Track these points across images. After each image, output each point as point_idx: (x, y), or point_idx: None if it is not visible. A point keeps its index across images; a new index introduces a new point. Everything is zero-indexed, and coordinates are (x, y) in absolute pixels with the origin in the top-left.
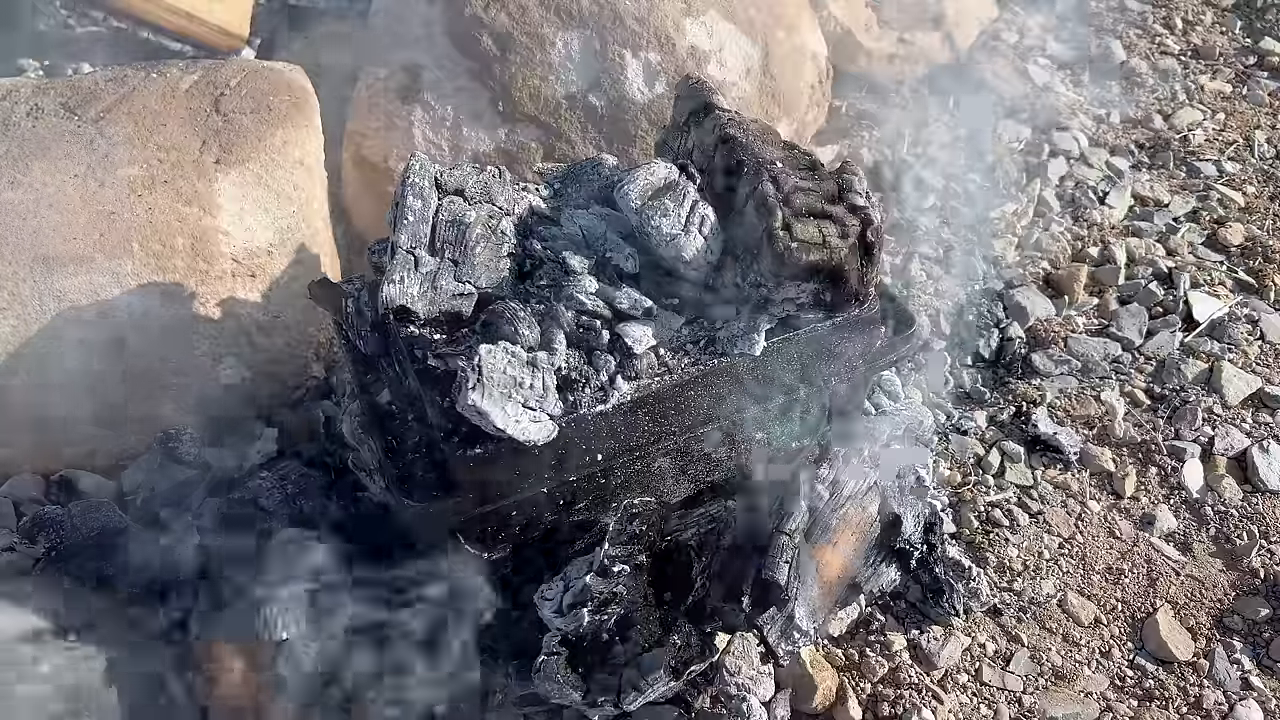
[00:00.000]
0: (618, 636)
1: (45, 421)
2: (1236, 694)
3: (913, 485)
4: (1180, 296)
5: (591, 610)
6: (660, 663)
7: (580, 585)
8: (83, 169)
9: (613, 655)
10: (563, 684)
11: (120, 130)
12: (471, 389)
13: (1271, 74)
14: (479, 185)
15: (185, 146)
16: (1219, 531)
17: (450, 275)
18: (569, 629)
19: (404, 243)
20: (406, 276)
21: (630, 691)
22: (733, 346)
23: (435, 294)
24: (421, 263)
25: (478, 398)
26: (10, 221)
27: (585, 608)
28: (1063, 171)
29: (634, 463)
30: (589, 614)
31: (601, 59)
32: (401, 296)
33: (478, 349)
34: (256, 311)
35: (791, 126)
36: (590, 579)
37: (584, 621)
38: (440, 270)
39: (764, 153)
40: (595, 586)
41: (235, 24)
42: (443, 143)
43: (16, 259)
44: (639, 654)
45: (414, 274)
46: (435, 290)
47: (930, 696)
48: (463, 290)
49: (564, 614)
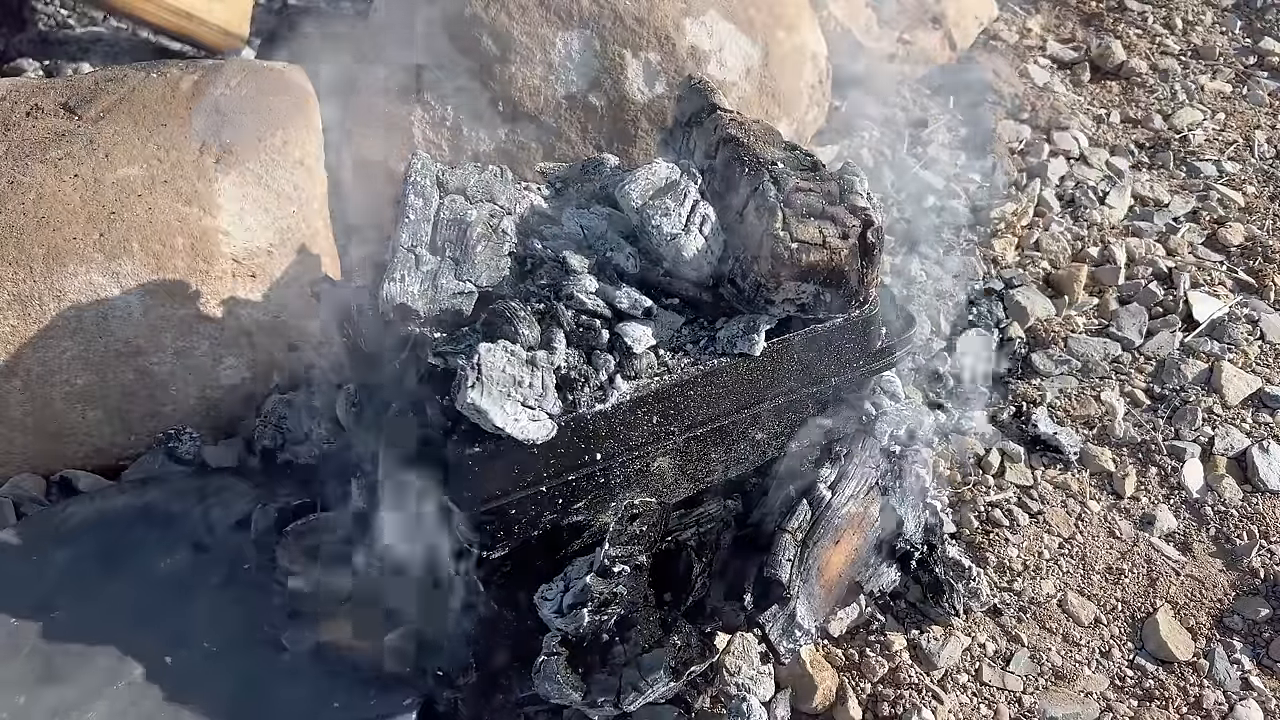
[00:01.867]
0: (618, 637)
1: (45, 421)
2: (1236, 694)
3: (915, 486)
4: (1180, 296)
5: (591, 610)
6: (661, 663)
7: (580, 585)
8: (82, 169)
9: (613, 656)
10: (563, 684)
11: (120, 130)
12: (470, 387)
13: (1271, 74)
14: (480, 184)
15: (185, 146)
16: (1219, 531)
17: (451, 273)
18: (569, 629)
19: (405, 241)
20: (407, 275)
21: (631, 692)
22: (732, 346)
23: (436, 292)
24: (422, 261)
25: (477, 396)
26: (9, 221)
27: (585, 608)
28: (1063, 171)
29: (633, 462)
30: (589, 614)
31: (601, 59)
32: (402, 295)
33: (477, 348)
34: (256, 311)
35: (792, 126)
36: (590, 579)
37: (584, 622)
38: (441, 269)
39: (765, 153)
40: (595, 587)
41: (235, 24)
42: (443, 143)
43: (16, 259)
44: (639, 654)
45: (415, 272)
46: (436, 289)
47: (930, 696)
48: (463, 289)
49: (564, 614)
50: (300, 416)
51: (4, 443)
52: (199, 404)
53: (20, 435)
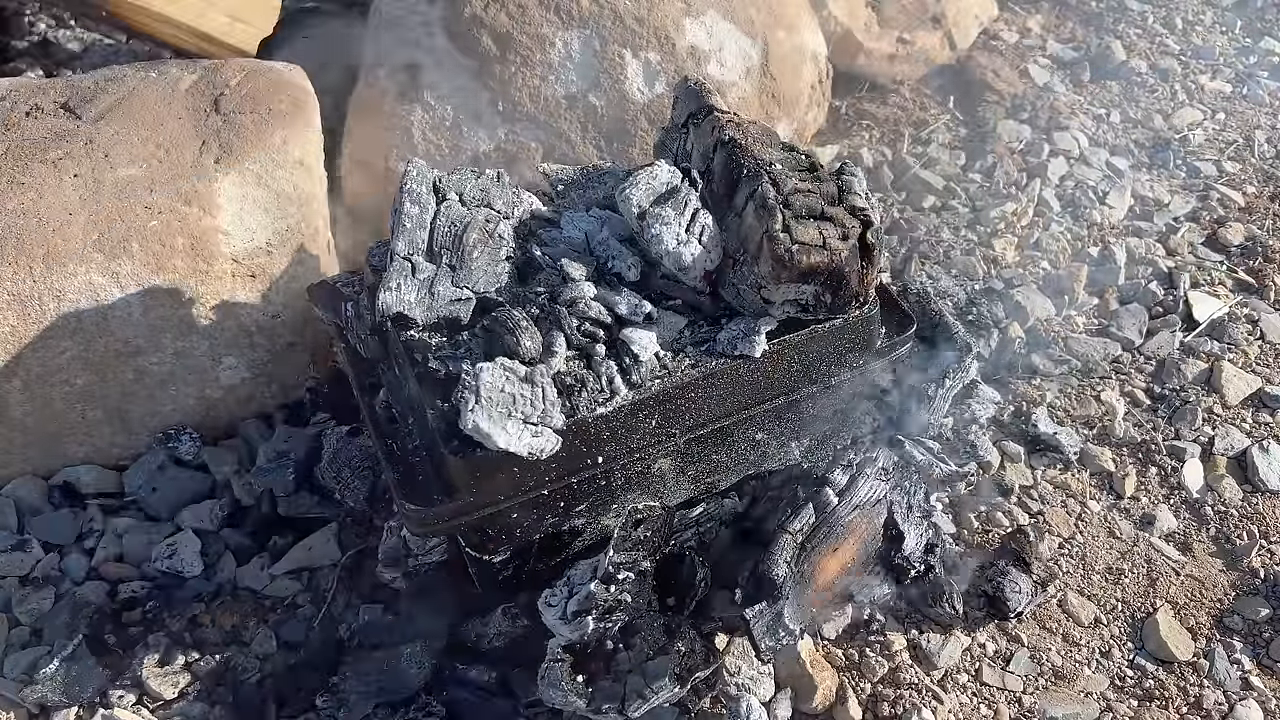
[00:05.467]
0: (622, 644)
1: (45, 421)
2: (1236, 694)
3: (921, 504)
4: (1180, 296)
5: (596, 618)
6: (666, 671)
7: (585, 592)
8: (82, 169)
9: (617, 662)
10: (567, 691)
11: (119, 130)
12: (471, 410)
13: (1271, 74)
14: (477, 189)
15: (185, 146)
16: (1219, 531)
17: (448, 280)
18: (574, 636)
19: (401, 249)
20: (403, 283)
21: (636, 700)
22: (733, 348)
23: (433, 300)
24: (419, 269)
25: (479, 419)
26: (9, 221)
27: (590, 615)
28: (1063, 171)
29: (634, 465)
30: (594, 621)
31: (601, 59)
32: (398, 304)
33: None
34: (256, 311)
35: (791, 126)
36: (595, 586)
37: (589, 629)
38: (438, 276)
39: (764, 155)
40: (600, 594)
41: (253, 45)
42: (442, 143)
43: (16, 259)
44: (644, 661)
45: (411, 280)
46: (433, 296)
47: (930, 696)
48: (461, 295)
49: (569, 620)
50: None
51: (4, 442)
52: (199, 404)
53: (20, 435)
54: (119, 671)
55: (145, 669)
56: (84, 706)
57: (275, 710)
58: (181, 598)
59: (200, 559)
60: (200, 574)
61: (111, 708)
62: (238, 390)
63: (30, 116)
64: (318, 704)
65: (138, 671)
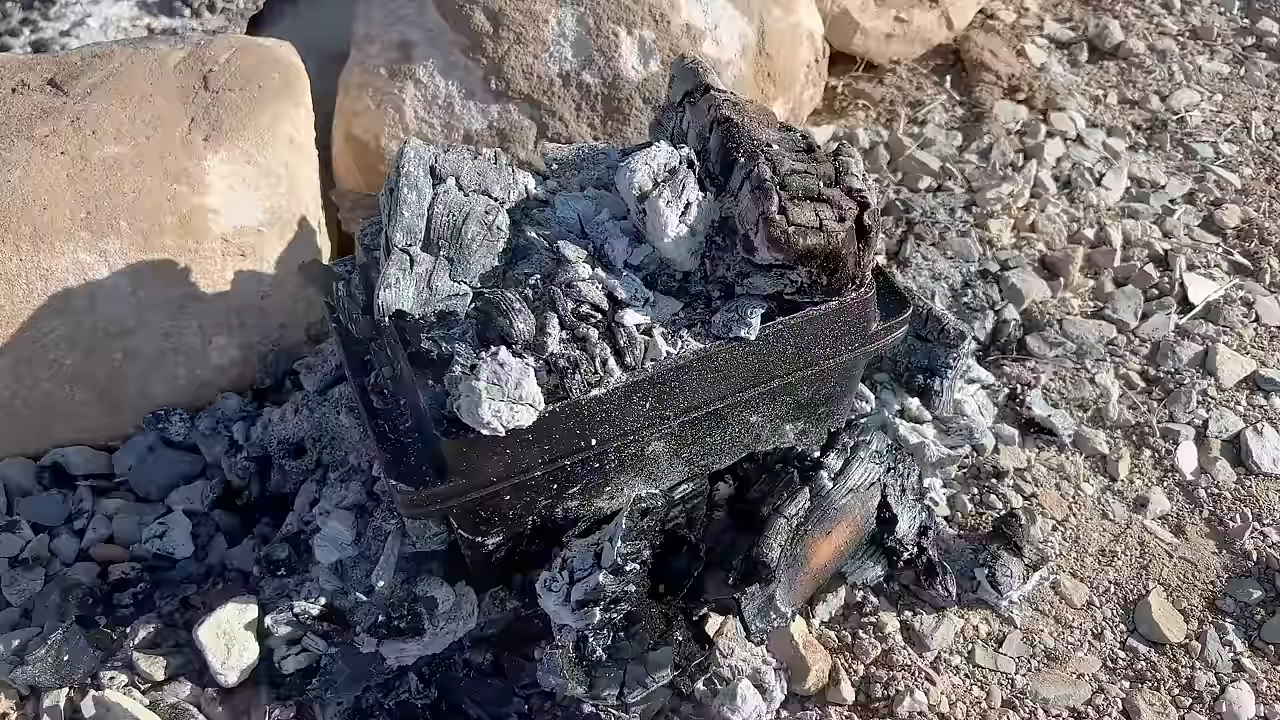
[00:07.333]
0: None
1: (33, 402)
2: (1228, 675)
3: (914, 487)
4: (1176, 279)
5: (604, 608)
6: (668, 660)
7: (594, 583)
8: (69, 146)
9: (617, 650)
10: (567, 678)
11: (107, 107)
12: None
13: (1270, 55)
14: (474, 172)
15: (174, 124)
16: (1212, 514)
17: (445, 274)
18: (579, 626)
19: (399, 240)
20: (402, 278)
21: (636, 688)
22: (728, 330)
23: (431, 294)
24: (417, 261)
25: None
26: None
27: (598, 606)
28: (1059, 153)
29: (628, 447)
30: (601, 612)
31: (595, 36)
32: (398, 300)
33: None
34: (247, 291)
35: (787, 106)
36: (604, 577)
37: (595, 619)
38: (436, 269)
39: (760, 135)
40: (608, 585)
41: None
42: (435, 120)
43: (2, 237)
44: (645, 650)
45: (409, 274)
46: (431, 290)
47: (923, 678)
48: (458, 290)
49: (574, 609)
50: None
51: None
52: (188, 384)
53: (7, 416)
54: (110, 653)
55: (136, 650)
56: (75, 687)
57: (266, 691)
58: (172, 579)
59: (191, 540)
60: (191, 555)
61: (103, 689)
62: (227, 371)
63: (16, 93)
64: (307, 685)
65: (129, 653)
